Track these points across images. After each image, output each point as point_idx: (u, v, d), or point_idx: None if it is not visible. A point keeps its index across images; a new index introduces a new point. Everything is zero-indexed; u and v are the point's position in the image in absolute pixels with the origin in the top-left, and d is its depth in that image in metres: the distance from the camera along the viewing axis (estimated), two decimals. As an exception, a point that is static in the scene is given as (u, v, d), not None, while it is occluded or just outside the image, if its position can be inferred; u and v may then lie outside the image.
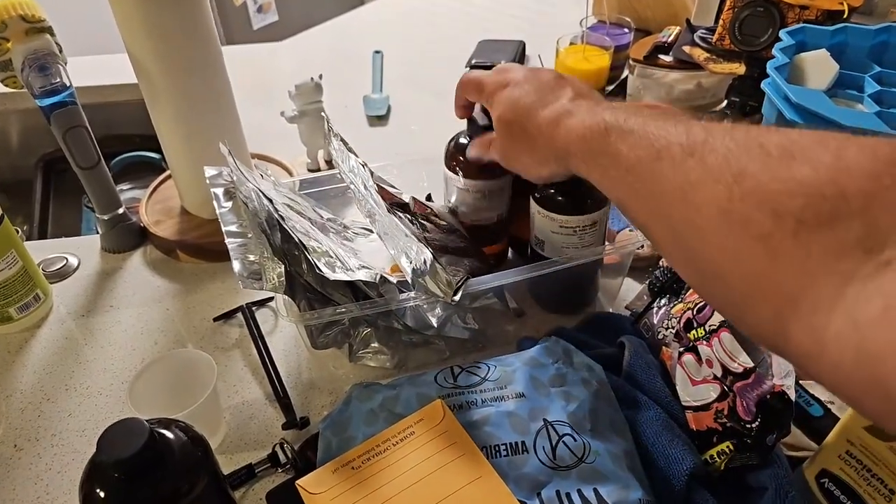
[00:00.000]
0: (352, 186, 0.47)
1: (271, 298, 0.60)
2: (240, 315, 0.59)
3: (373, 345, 0.54)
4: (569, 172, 0.42)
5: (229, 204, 0.49)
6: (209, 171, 0.51)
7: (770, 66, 0.55)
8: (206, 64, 0.57)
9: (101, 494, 0.31)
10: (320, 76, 0.71)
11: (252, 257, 0.46)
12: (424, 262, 0.43)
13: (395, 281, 0.47)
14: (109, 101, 0.93)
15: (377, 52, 1.02)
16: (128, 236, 0.66)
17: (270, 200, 0.46)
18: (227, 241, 0.46)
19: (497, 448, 0.40)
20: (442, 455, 0.38)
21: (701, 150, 0.30)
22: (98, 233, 0.65)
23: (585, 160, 0.38)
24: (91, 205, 0.88)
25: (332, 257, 0.45)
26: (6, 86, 0.55)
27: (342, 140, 0.52)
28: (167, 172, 0.71)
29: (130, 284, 0.64)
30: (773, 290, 0.26)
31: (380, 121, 0.89)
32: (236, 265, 0.44)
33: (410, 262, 0.44)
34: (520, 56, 1.03)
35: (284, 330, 0.58)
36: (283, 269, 0.44)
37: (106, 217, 0.65)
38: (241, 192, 0.47)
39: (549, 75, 0.45)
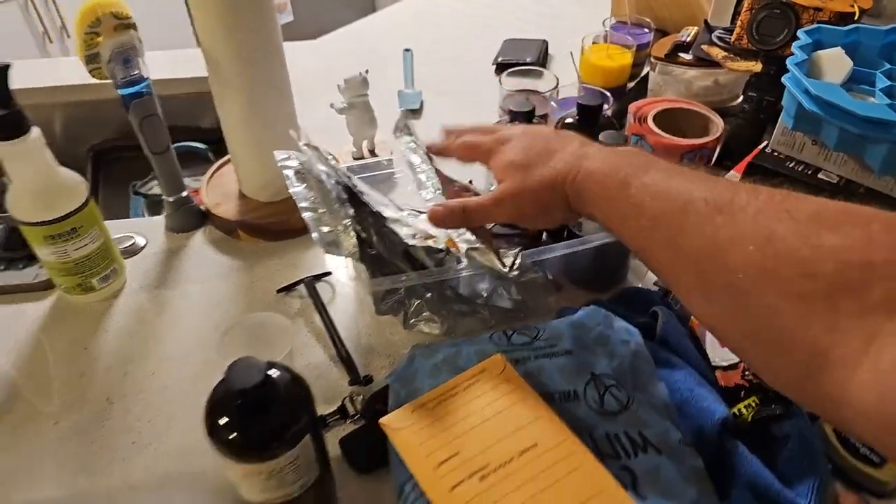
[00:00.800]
0: (421, 176, 0.53)
1: (328, 274, 0.65)
2: (300, 288, 0.64)
3: (424, 314, 0.59)
4: (574, 218, 0.44)
5: (299, 183, 0.55)
6: (279, 155, 0.57)
7: (790, 62, 0.60)
8: (271, 56, 0.63)
9: (225, 420, 0.37)
10: (366, 71, 0.76)
11: (325, 229, 0.51)
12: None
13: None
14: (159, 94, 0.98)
15: (407, 50, 1.07)
16: (191, 217, 0.72)
17: (349, 176, 0.51)
18: (303, 215, 0.51)
19: (551, 395, 0.45)
20: (506, 398, 0.43)
21: (729, 208, 0.32)
22: (143, 216, 0.69)
23: (603, 207, 0.39)
24: (141, 191, 0.94)
25: (409, 227, 0.50)
26: (93, 76, 0.60)
27: (408, 130, 0.58)
28: (224, 159, 0.77)
29: (195, 261, 0.69)
30: (805, 344, 0.28)
31: (414, 114, 0.95)
32: (315, 235, 0.50)
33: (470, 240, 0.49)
34: (543, 54, 1.09)
35: (341, 303, 0.63)
36: (356, 238, 0.49)
37: (172, 199, 0.70)
38: (314, 171, 0.52)
39: (549, 129, 0.47)
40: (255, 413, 0.36)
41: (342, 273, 0.66)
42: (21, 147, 0.53)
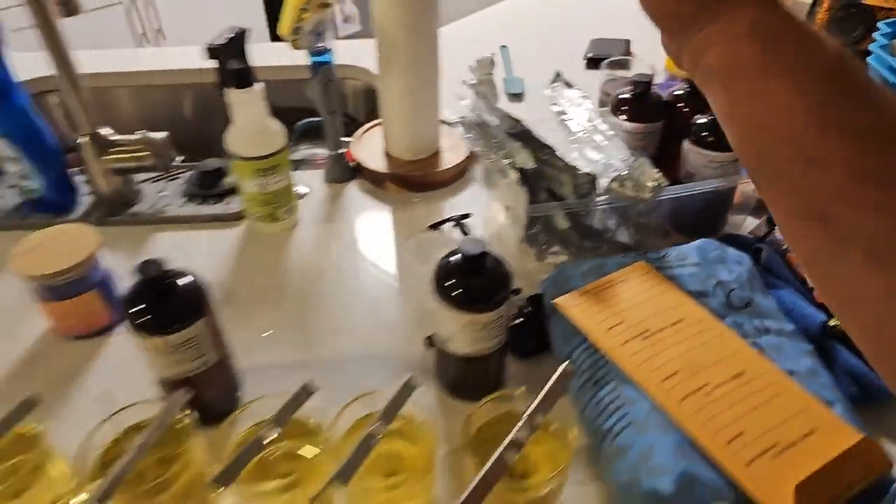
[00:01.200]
0: (570, 121, 0.65)
1: (469, 215, 0.78)
2: (445, 226, 0.76)
3: (554, 248, 0.71)
4: (682, 44, 0.33)
5: (466, 130, 0.67)
6: (447, 111, 0.69)
7: (874, 47, 0.71)
8: (432, 33, 0.76)
9: (454, 280, 0.49)
10: (493, 54, 0.89)
11: (491, 162, 0.63)
12: (640, 165, 0.60)
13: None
14: (293, 78, 1.14)
15: (503, 46, 1.21)
16: (346, 171, 0.85)
17: (519, 120, 0.64)
18: (474, 150, 0.63)
19: (688, 293, 0.56)
20: (654, 289, 0.54)
21: None
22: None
23: (774, 54, 0.30)
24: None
25: (578, 155, 0.63)
26: (293, 46, 0.74)
27: (569, 85, 0.70)
28: (370, 124, 0.90)
29: (352, 205, 0.82)
30: None
31: (517, 97, 1.07)
32: (484, 165, 0.62)
33: (615, 171, 0.61)
34: (625, 52, 1.21)
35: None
36: (517, 171, 0.62)
37: (333, 154, 0.83)
38: (481, 119, 0.65)
39: None
40: (478, 274, 0.48)
41: (478, 218, 0.78)
42: (248, 96, 0.67)
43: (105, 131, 0.76)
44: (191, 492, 0.46)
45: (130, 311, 0.47)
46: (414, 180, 0.83)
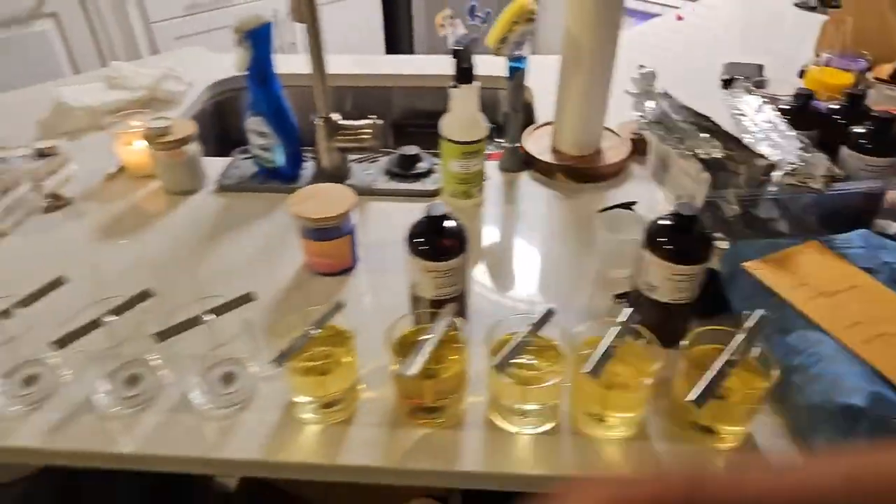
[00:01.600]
0: (745, 120, 0.76)
1: (635, 203, 0.89)
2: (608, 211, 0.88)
3: (717, 234, 0.81)
4: None
5: (647, 125, 0.79)
6: (633, 110, 0.82)
7: None
8: (613, 41, 0.89)
9: (665, 238, 0.60)
10: (650, 68, 1.01)
11: (675, 153, 0.75)
12: (814, 158, 0.70)
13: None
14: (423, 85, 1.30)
15: (641, 66, 1.33)
16: (519, 161, 0.99)
17: (707, 117, 0.76)
18: (657, 143, 0.76)
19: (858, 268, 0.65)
20: (828, 262, 0.64)
21: None
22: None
23: None
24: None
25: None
26: (497, 53, 0.89)
27: (749, 91, 0.82)
28: (538, 123, 1.04)
29: (525, 191, 0.96)
30: None
31: (659, 111, 1.19)
32: (652, 160, 0.74)
33: (793, 164, 0.71)
34: (759, 74, 1.30)
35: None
36: (700, 163, 0.73)
37: (511, 146, 0.97)
38: (671, 115, 0.77)
39: None
40: (689, 232, 0.60)
41: (642, 206, 0.90)
42: (468, 91, 0.82)
43: (335, 116, 0.93)
44: (450, 386, 0.59)
45: (414, 241, 0.62)
46: (583, 171, 0.95)
